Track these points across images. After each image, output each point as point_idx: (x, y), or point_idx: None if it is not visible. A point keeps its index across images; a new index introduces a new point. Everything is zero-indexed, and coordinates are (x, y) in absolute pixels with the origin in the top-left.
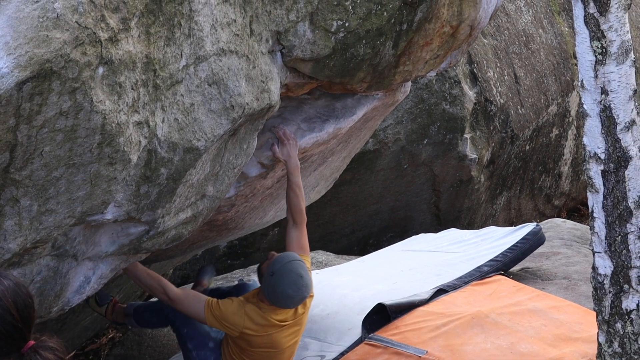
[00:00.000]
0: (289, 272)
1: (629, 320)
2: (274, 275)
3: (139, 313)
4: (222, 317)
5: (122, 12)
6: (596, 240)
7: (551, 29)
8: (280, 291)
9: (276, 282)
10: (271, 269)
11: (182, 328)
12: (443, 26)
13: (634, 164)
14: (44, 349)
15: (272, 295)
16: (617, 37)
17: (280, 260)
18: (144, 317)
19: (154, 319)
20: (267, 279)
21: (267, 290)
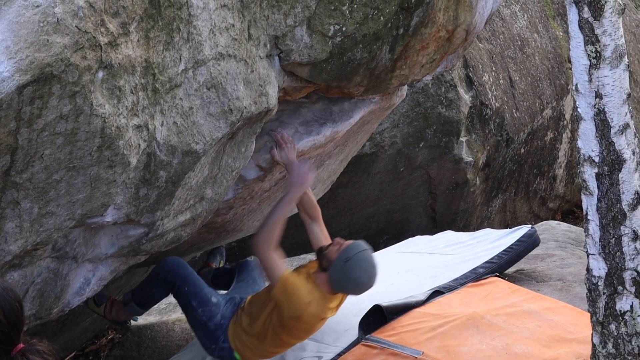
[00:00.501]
0: (364, 260)
1: (622, 321)
2: (349, 261)
3: (138, 294)
4: (290, 295)
5: (121, 17)
6: (590, 243)
7: (546, 34)
8: (355, 278)
9: (350, 268)
10: (346, 255)
11: (183, 287)
12: (439, 30)
13: (627, 167)
14: (32, 352)
15: (343, 280)
16: (611, 41)
17: (355, 248)
18: (144, 295)
19: (154, 290)
20: (340, 264)
21: (339, 275)
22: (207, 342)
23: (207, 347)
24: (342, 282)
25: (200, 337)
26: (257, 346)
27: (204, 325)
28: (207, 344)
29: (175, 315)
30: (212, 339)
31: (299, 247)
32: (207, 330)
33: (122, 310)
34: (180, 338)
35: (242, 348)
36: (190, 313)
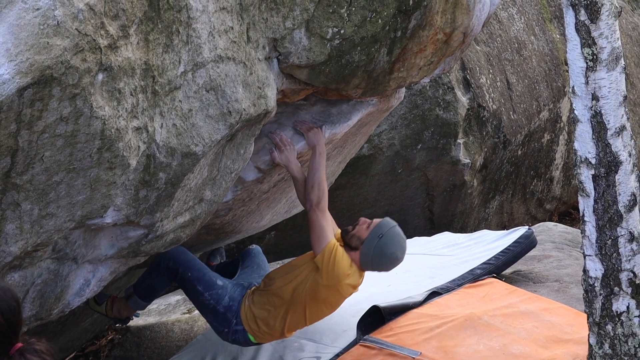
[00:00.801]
0: (397, 234)
1: (619, 322)
2: (382, 237)
3: (139, 287)
4: (333, 263)
5: (121, 20)
6: (587, 244)
7: (543, 36)
8: (390, 252)
9: (385, 244)
10: (379, 231)
11: (187, 272)
12: (437, 33)
13: (624, 169)
14: (30, 352)
15: (379, 254)
16: (607, 44)
17: (387, 224)
18: (146, 286)
19: (156, 279)
20: (373, 241)
21: (374, 251)
22: (219, 327)
23: (220, 331)
24: (376, 258)
25: (211, 322)
26: (273, 326)
27: (213, 309)
28: (220, 328)
29: (174, 316)
30: (223, 322)
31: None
32: (217, 314)
33: (123, 306)
34: (180, 339)
35: (256, 329)
36: (198, 298)
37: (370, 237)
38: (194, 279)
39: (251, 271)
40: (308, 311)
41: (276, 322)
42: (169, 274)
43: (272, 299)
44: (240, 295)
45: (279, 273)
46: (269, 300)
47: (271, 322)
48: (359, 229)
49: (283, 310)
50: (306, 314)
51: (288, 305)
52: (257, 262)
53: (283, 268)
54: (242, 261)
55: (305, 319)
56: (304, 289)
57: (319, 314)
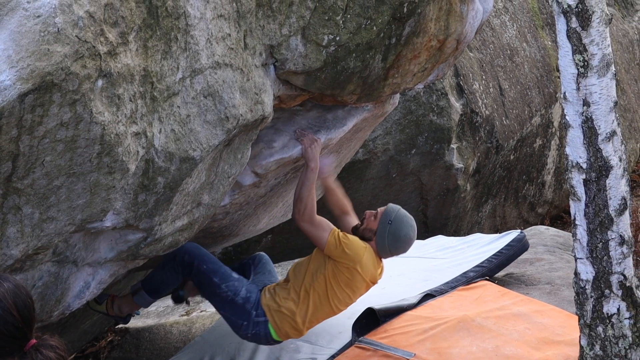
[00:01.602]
0: (404, 216)
1: (610, 324)
2: (392, 223)
3: (149, 281)
4: (347, 245)
5: (120, 27)
6: (578, 247)
7: (535, 43)
8: (404, 234)
9: (397, 228)
10: (387, 218)
11: (202, 265)
12: (430, 40)
13: (614, 173)
14: (45, 347)
15: (394, 240)
16: (598, 50)
17: (392, 209)
18: (157, 281)
19: (168, 274)
20: (385, 229)
21: (388, 236)
22: (237, 320)
23: (239, 325)
24: (392, 243)
25: (229, 317)
26: (299, 315)
27: (231, 301)
28: (238, 321)
29: (172, 318)
30: (242, 315)
31: (294, 251)
32: (235, 306)
33: (124, 303)
34: (178, 340)
35: (279, 320)
36: (215, 291)
37: (380, 227)
38: (210, 271)
39: (263, 277)
40: (332, 297)
41: (302, 312)
42: (183, 268)
43: (295, 289)
44: (257, 288)
45: (298, 269)
46: (294, 291)
47: (297, 312)
48: (368, 222)
49: (308, 300)
50: (330, 300)
51: (313, 294)
52: (268, 269)
53: (300, 264)
54: (254, 266)
55: (331, 305)
56: (327, 275)
57: (343, 301)
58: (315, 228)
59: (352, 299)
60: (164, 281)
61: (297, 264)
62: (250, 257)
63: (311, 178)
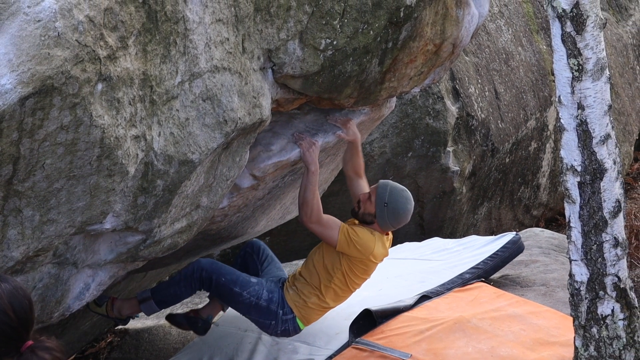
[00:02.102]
0: (397, 193)
1: (604, 325)
2: (388, 204)
3: (160, 293)
4: (358, 242)
5: (120, 31)
6: (573, 249)
7: (530, 47)
8: (402, 210)
9: (394, 207)
10: (382, 201)
11: (220, 278)
12: (427, 44)
13: (609, 176)
14: (41, 349)
15: (395, 217)
16: (592, 54)
17: (384, 190)
18: (170, 294)
19: (183, 289)
20: (382, 210)
21: (388, 217)
22: (265, 321)
23: (267, 325)
24: (393, 220)
25: (256, 320)
26: (324, 302)
27: (256, 305)
28: (266, 322)
29: None
30: (269, 316)
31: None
32: (260, 309)
33: (125, 305)
34: (177, 341)
35: (307, 314)
36: (237, 299)
37: (378, 210)
38: (230, 282)
39: (273, 268)
40: (351, 285)
41: (328, 301)
42: (200, 284)
43: (315, 285)
44: (277, 286)
45: (310, 264)
46: (314, 287)
47: (324, 303)
48: (364, 206)
49: (331, 292)
50: (350, 287)
51: (334, 287)
52: (268, 254)
53: (313, 259)
54: (258, 260)
55: (352, 290)
56: (344, 271)
57: (362, 282)
58: (324, 228)
59: (368, 277)
60: (178, 295)
61: (309, 259)
62: (248, 248)
63: (312, 181)
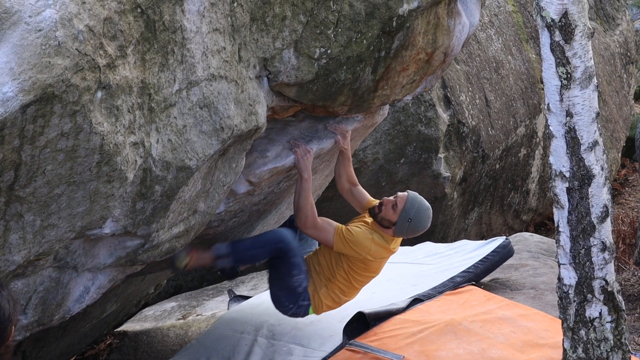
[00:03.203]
0: (424, 211)
1: (592, 327)
2: (412, 220)
3: (241, 253)
4: (353, 241)
5: (119, 40)
6: (561, 253)
7: (519, 56)
8: (422, 226)
9: (416, 224)
10: (407, 216)
11: (292, 257)
12: (419, 53)
13: (596, 182)
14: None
15: (413, 231)
16: (581, 63)
17: (412, 206)
18: (250, 255)
19: (261, 254)
20: (404, 224)
21: (407, 231)
22: (285, 302)
23: (284, 306)
24: (411, 232)
25: (280, 296)
26: (329, 300)
27: (293, 289)
28: (285, 303)
29: (169, 321)
30: (293, 299)
31: None
32: (292, 293)
33: (199, 260)
34: (175, 343)
35: (317, 301)
36: (285, 278)
37: (400, 222)
38: (295, 264)
39: (306, 245)
40: (355, 282)
41: (334, 297)
42: (276, 252)
43: (321, 279)
44: (306, 277)
45: (315, 260)
46: (322, 280)
47: (330, 298)
48: (386, 212)
49: (336, 288)
50: (354, 284)
51: (338, 284)
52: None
53: (318, 255)
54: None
55: (357, 287)
56: (345, 269)
57: (367, 280)
58: (320, 232)
59: (376, 274)
60: (256, 257)
61: (314, 254)
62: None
63: (306, 188)
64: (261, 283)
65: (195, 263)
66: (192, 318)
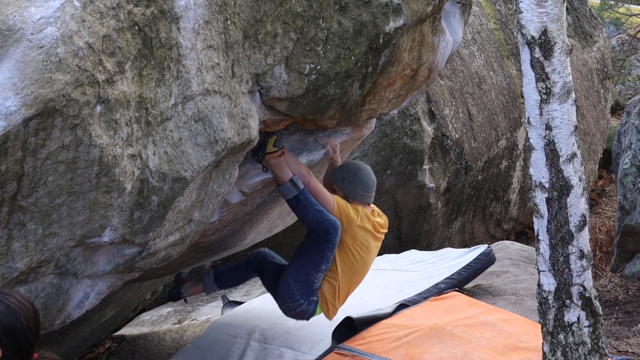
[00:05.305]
0: (347, 163)
1: (570, 331)
2: (345, 179)
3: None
4: (344, 211)
5: (117, 57)
6: (541, 260)
7: (501, 72)
8: (362, 177)
9: (351, 178)
10: (340, 175)
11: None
12: (404, 69)
13: (574, 192)
14: (47, 359)
15: (360, 185)
16: (559, 78)
17: (335, 172)
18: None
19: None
20: (344, 185)
21: (353, 189)
22: (298, 295)
23: (294, 299)
24: (361, 189)
25: (294, 288)
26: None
27: (310, 284)
28: (298, 296)
29: (166, 326)
30: (306, 294)
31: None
32: (309, 288)
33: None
34: (171, 347)
35: (322, 300)
36: (309, 268)
37: (343, 188)
38: (326, 257)
39: None
40: (353, 257)
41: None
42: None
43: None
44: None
45: None
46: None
47: (336, 294)
48: (336, 193)
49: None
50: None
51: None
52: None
53: None
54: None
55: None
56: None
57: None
58: (325, 189)
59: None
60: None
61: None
62: (258, 255)
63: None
64: (254, 289)
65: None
66: (188, 323)
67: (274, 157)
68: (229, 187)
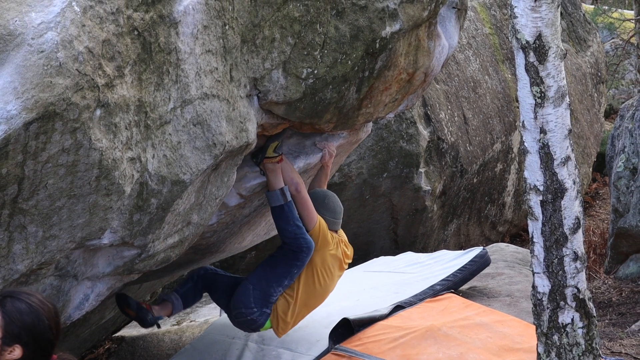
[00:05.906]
0: (324, 194)
1: (564, 332)
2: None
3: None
4: (323, 233)
5: (117, 61)
6: (536, 262)
7: (496, 76)
8: (333, 207)
9: (323, 205)
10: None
11: (297, 267)
12: (400, 73)
13: (569, 195)
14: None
15: (329, 213)
16: (554, 83)
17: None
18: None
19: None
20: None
21: (323, 214)
22: (252, 303)
23: (248, 306)
24: (328, 215)
25: (251, 295)
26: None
27: (268, 295)
28: (252, 304)
29: (164, 327)
30: (261, 304)
31: None
32: (265, 299)
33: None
34: (170, 348)
35: (274, 313)
36: (270, 281)
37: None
38: (291, 273)
39: None
40: (317, 279)
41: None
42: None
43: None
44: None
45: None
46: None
47: (289, 312)
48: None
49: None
50: (315, 282)
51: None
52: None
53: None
54: (225, 274)
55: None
56: (310, 266)
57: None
58: (311, 203)
59: (330, 281)
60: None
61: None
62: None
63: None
64: None
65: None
66: (186, 324)
67: (272, 162)
68: (227, 190)
